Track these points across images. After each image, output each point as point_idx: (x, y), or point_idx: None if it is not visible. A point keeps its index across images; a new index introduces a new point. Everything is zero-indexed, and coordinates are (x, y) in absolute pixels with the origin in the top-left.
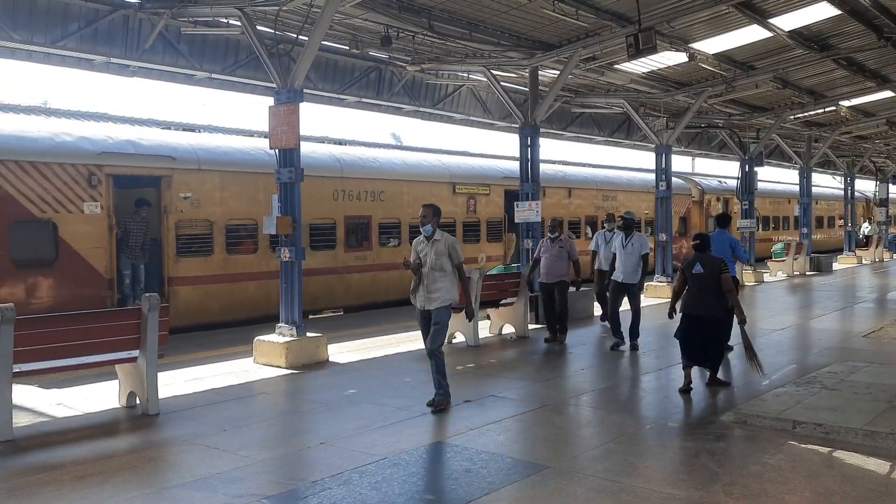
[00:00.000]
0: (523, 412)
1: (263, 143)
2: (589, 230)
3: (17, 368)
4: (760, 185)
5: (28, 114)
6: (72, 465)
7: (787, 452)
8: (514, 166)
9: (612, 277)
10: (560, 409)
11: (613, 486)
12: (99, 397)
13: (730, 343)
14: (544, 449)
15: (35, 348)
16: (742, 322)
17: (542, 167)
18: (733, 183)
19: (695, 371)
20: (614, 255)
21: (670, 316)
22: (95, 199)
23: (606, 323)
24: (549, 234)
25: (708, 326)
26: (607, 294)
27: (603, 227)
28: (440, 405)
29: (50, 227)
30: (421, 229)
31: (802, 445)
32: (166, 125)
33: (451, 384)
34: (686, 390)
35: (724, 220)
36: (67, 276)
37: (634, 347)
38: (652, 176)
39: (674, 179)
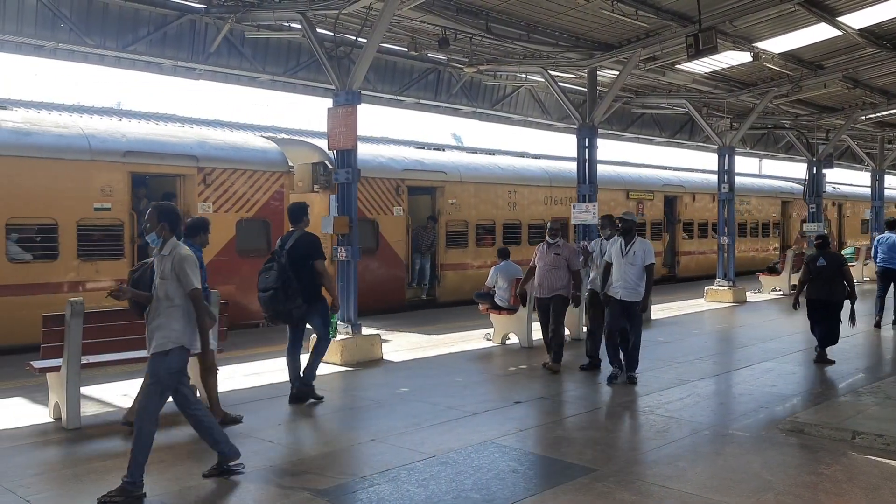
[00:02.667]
0: (573, 415)
1: (498, 160)
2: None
3: (85, 360)
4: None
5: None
6: None
7: (844, 463)
8: (671, 175)
9: (609, 294)
10: (611, 413)
11: (661, 492)
12: None
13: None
14: (593, 452)
15: (102, 341)
16: (854, 299)
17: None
18: (846, 189)
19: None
20: (607, 266)
21: (794, 306)
22: (399, 205)
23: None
24: (547, 237)
25: (829, 309)
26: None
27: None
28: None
29: (374, 226)
30: None
31: (861, 456)
32: (439, 147)
33: (503, 385)
34: (821, 360)
35: (893, 224)
36: (383, 260)
37: (632, 381)
38: (779, 183)
39: (792, 185)
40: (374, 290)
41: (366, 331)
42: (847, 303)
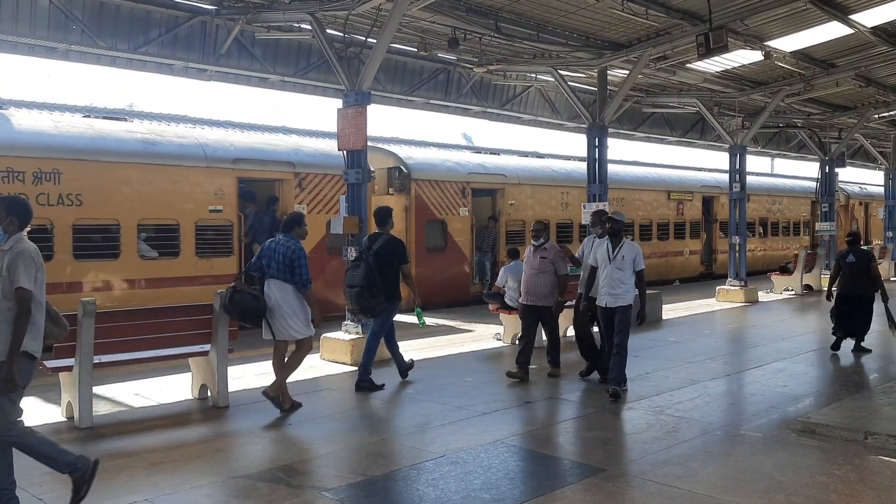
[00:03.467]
0: (583, 415)
1: (551, 163)
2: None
3: (97, 360)
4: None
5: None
6: (145, 452)
7: (856, 464)
8: (709, 176)
9: (596, 301)
10: (621, 413)
11: (671, 492)
12: (173, 389)
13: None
14: (603, 452)
15: (114, 341)
16: (886, 299)
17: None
18: (872, 189)
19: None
20: (592, 269)
21: (828, 298)
22: (465, 206)
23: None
24: (531, 240)
25: (858, 303)
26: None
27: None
28: None
29: (443, 226)
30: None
31: (874, 457)
32: (495, 151)
33: (513, 385)
34: (836, 347)
35: None
36: (450, 258)
37: (615, 395)
38: (808, 183)
39: None
40: (442, 286)
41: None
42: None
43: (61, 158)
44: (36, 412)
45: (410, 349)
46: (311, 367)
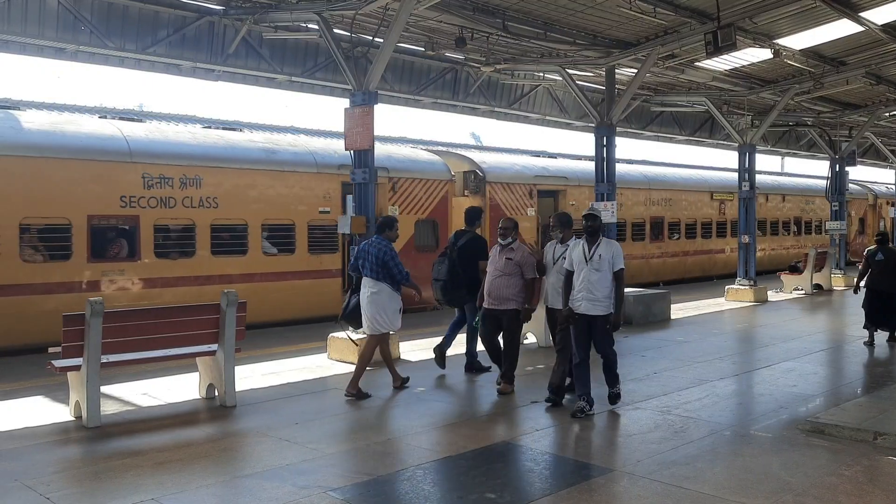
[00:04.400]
0: (590, 414)
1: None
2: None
3: (105, 359)
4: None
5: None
6: (152, 451)
7: (865, 464)
8: (765, 179)
9: (570, 307)
10: (628, 413)
11: (678, 492)
12: (181, 388)
13: None
14: (609, 452)
15: (122, 340)
16: None
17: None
18: None
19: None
20: (569, 274)
21: (856, 291)
22: (532, 206)
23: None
24: (498, 239)
25: (886, 298)
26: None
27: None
28: None
29: (515, 227)
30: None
31: (883, 457)
32: (552, 155)
33: (520, 384)
34: (870, 343)
35: None
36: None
37: (614, 399)
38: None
39: (853, 186)
40: None
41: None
42: None
43: (202, 166)
44: (45, 411)
45: (418, 348)
46: (319, 367)
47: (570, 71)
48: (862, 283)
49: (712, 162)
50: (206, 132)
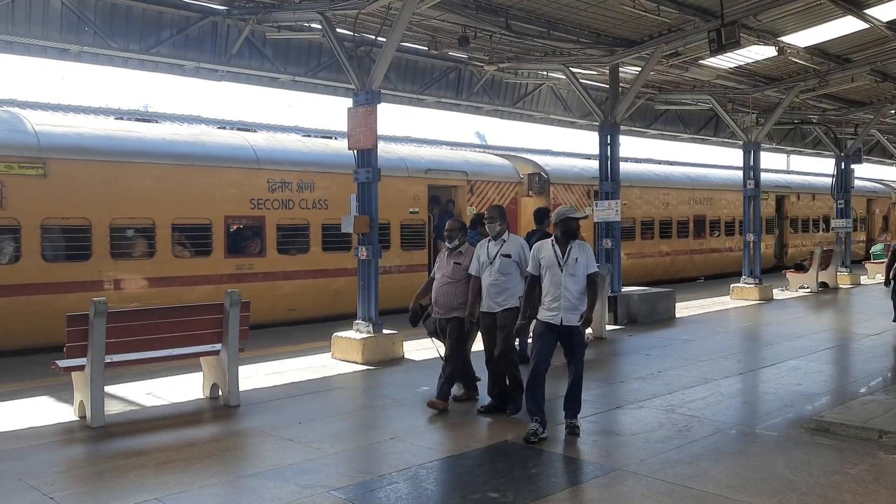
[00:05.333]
0: (594, 413)
1: (654, 168)
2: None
3: (109, 359)
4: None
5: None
6: (156, 451)
7: (870, 463)
8: (779, 177)
9: (541, 319)
10: (632, 412)
11: (682, 491)
12: (185, 388)
13: None
14: (613, 451)
15: (126, 340)
16: None
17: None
18: None
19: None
20: (533, 279)
21: (886, 283)
22: (589, 206)
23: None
24: (445, 242)
25: None
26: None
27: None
28: None
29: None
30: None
31: (888, 456)
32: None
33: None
34: None
35: None
36: None
37: (574, 431)
38: (864, 183)
39: (877, 186)
40: None
41: (386, 331)
42: None
43: (314, 171)
44: (49, 411)
45: (422, 347)
46: (322, 367)
47: (574, 69)
48: (891, 276)
49: (716, 160)
50: (313, 141)
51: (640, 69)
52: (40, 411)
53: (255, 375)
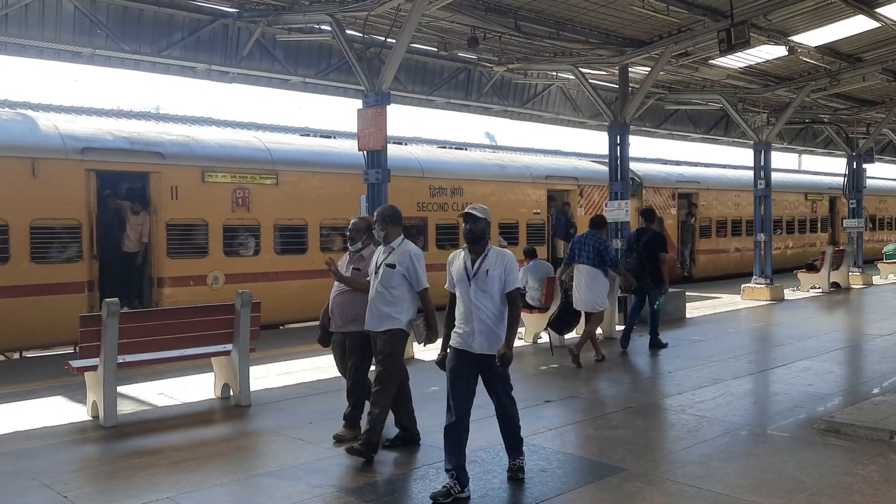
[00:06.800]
0: (604, 414)
1: (727, 172)
2: None
3: (121, 359)
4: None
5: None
6: (168, 451)
7: (881, 464)
8: (834, 181)
9: (453, 346)
10: (642, 412)
11: (691, 492)
12: (197, 388)
13: None
14: (622, 451)
15: (138, 340)
16: None
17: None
18: None
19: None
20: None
21: None
22: (674, 207)
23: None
24: (348, 245)
25: None
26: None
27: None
28: None
29: (661, 222)
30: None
31: None
32: (676, 162)
33: (534, 384)
34: None
35: None
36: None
37: (516, 475)
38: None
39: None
40: None
41: None
42: None
43: (461, 179)
44: (63, 411)
45: (432, 348)
46: (333, 367)
47: (583, 70)
48: None
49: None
50: (456, 152)
51: (649, 69)
52: (54, 411)
53: (266, 375)
